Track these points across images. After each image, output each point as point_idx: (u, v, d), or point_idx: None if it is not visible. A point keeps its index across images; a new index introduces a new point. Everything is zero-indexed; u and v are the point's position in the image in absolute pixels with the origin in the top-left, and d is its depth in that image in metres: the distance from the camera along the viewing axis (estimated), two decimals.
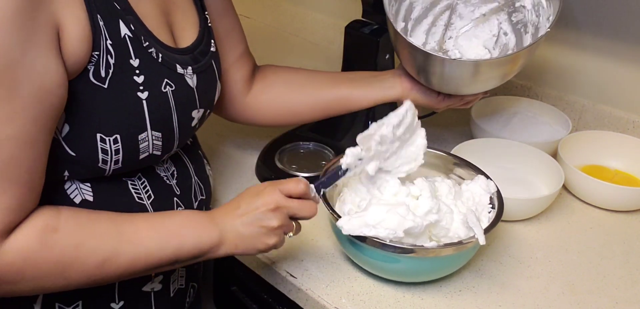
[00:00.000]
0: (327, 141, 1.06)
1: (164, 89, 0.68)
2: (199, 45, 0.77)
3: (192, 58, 0.74)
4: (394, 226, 0.72)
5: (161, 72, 0.68)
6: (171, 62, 0.70)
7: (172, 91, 0.69)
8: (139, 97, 0.65)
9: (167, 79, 0.69)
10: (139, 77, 0.65)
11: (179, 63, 0.71)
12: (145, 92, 0.66)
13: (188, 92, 0.72)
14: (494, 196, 0.82)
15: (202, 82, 0.75)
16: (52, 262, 0.60)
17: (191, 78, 0.73)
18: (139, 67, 0.65)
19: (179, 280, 0.79)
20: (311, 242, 0.86)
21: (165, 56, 0.69)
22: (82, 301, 0.69)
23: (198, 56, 0.76)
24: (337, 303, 0.76)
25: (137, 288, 0.73)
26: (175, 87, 0.70)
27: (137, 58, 0.65)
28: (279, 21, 1.70)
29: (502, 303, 0.77)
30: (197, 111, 0.75)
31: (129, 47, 0.64)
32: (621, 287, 0.81)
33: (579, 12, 1.14)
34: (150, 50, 0.67)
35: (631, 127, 1.11)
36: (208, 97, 0.78)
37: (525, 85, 1.24)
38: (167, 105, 0.69)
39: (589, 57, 1.15)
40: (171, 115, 0.69)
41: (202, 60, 0.76)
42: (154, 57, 0.67)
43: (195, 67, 0.74)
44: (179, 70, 0.71)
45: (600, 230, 0.92)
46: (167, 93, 0.69)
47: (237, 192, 0.95)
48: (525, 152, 1.02)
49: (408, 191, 0.79)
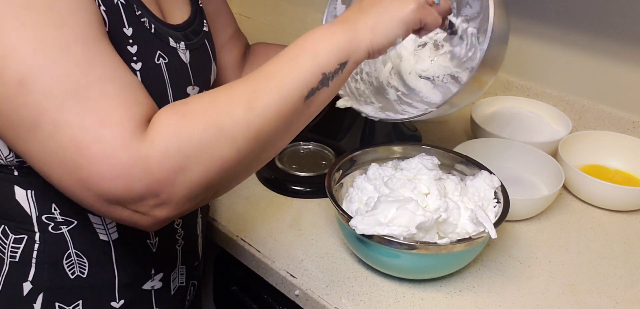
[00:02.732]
0: (327, 141, 1.06)
1: (157, 61, 0.66)
2: (191, 24, 0.75)
3: (184, 36, 0.72)
4: (406, 223, 0.72)
5: (154, 43, 0.66)
6: (164, 34, 0.68)
7: (165, 64, 0.67)
8: (132, 67, 0.63)
9: (160, 51, 0.66)
10: (132, 47, 0.63)
11: (171, 37, 0.69)
12: (138, 63, 0.63)
13: (182, 67, 0.70)
14: (498, 191, 0.82)
15: (196, 60, 0.74)
16: (200, 126, 0.54)
17: (184, 54, 0.71)
18: (132, 36, 0.63)
19: (180, 278, 0.79)
20: (311, 242, 0.86)
21: (158, 27, 0.67)
22: (82, 300, 0.69)
23: (190, 34, 0.74)
24: (337, 303, 0.76)
25: (138, 287, 0.73)
26: (168, 59, 0.67)
27: (130, 26, 0.63)
28: (279, 21, 1.70)
29: (502, 303, 0.77)
30: (192, 88, 0.73)
31: (122, 14, 0.62)
32: (621, 287, 0.81)
33: (579, 13, 1.14)
34: (142, 19, 0.64)
35: (631, 127, 1.11)
36: (203, 76, 0.76)
37: (525, 85, 1.25)
38: (161, 78, 0.66)
39: (589, 57, 1.15)
40: (166, 90, 0.67)
41: (195, 38, 0.75)
42: (146, 27, 0.65)
43: (188, 43, 0.72)
44: (172, 44, 0.69)
45: (600, 230, 0.92)
46: (161, 65, 0.66)
47: (237, 193, 0.96)
48: (525, 151, 1.02)
49: (414, 187, 0.80)
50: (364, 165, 0.90)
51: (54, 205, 0.64)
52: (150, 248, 0.72)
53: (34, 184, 0.63)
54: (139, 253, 0.71)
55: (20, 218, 0.64)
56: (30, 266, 0.65)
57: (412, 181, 0.82)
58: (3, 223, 0.65)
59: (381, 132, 1.04)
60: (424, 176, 0.82)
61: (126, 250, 0.70)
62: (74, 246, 0.66)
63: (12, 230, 0.65)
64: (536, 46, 1.22)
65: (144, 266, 0.72)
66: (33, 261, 0.65)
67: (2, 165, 0.62)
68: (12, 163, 0.61)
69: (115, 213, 0.54)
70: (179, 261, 0.78)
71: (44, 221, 0.64)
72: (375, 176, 0.85)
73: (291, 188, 0.96)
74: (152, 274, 0.74)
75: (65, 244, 0.66)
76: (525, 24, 1.21)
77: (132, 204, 0.53)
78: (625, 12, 1.08)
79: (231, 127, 0.55)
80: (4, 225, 0.65)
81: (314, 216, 0.91)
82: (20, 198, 0.63)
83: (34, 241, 0.65)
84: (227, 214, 0.92)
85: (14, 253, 0.65)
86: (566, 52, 1.18)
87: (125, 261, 0.70)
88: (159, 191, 0.52)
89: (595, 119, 1.16)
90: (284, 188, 0.97)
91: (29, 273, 0.65)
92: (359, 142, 1.04)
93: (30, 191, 0.63)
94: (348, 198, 0.84)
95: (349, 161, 0.89)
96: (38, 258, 0.65)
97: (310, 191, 0.96)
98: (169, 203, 0.54)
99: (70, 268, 0.67)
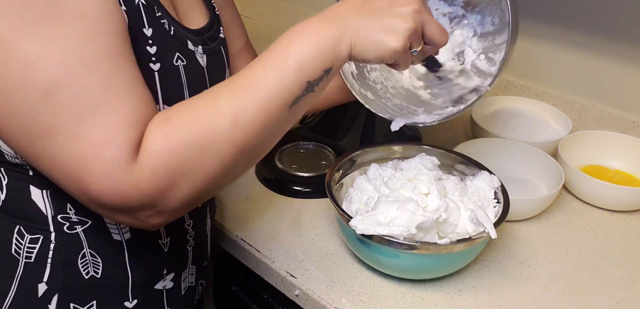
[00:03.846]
0: (327, 141, 1.06)
1: (175, 63, 0.66)
2: (209, 30, 0.76)
3: (201, 40, 0.73)
4: (406, 223, 0.72)
5: (173, 45, 0.66)
6: (182, 37, 0.68)
7: (183, 66, 0.67)
8: (151, 68, 0.63)
9: (178, 53, 0.67)
10: (152, 47, 0.63)
11: (189, 40, 0.70)
12: (157, 64, 0.64)
13: (199, 70, 0.71)
14: (498, 191, 0.82)
15: (212, 65, 0.74)
16: (185, 143, 0.56)
17: (202, 57, 0.72)
18: (151, 37, 0.63)
19: (190, 278, 0.79)
20: (311, 242, 0.86)
21: (177, 30, 0.67)
22: (96, 301, 0.69)
23: (207, 40, 0.75)
24: (337, 303, 0.76)
25: (150, 287, 0.73)
26: (186, 62, 0.68)
27: (150, 27, 0.63)
28: (279, 21, 1.70)
29: (502, 303, 0.77)
30: None
31: (142, 15, 0.62)
32: (621, 287, 0.81)
33: (579, 13, 1.14)
34: (162, 21, 0.65)
35: (631, 127, 1.11)
36: (219, 80, 0.76)
37: (525, 85, 1.25)
38: (178, 81, 0.67)
39: (589, 57, 1.15)
40: (183, 92, 0.68)
41: (212, 44, 0.75)
42: (166, 28, 0.65)
43: (205, 48, 0.73)
44: (190, 47, 0.69)
45: (600, 230, 0.92)
46: (179, 68, 0.67)
47: (238, 193, 0.96)
48: (525, 151, 1.02)
49: (414, 186, 0.80)
50: (364, 165, 0.90)
51: (69, 205, 0.64)
52: (162, 248, 0.72)
53: (49, 183, 0.62)
54: (151, 253, 0.71)
55: (36, 218, 0.64)
56: (46, 266, 0.65)
57: (412, 182, 0.82)
58: (18, 223, 0.64)
59: (381, 132, 1.04)
60: (424, 177, 0.82)
61: (139, 250, 0.70)
62: (88, 246, 0.66)
63: (27, 230, 0.64)
64: (536, 46, 1.22)
65: (156, 266, 0.73)
66: (48, 261, 0.65)
67: (17, 163, 0.62)
68: (26, 162, 0.61)
69: (116, 217, 0.59)
70: (190, 261, 0.78)
71: (60, 220, 0.64)
72: (375, 176, 0.85)
73: (291, 188, 0.96)
74: (164, 274, 0.74)
75: (80, 244, 0.66)
76: (525, 24, 1.21)
77: (130, 214, 0.57)
78: (625, 12, 1.08)
79: (216, 144, 0.57)
80: (20, 225, 0.64)
81: (314, 216, 0.91)
82: (36, 198, 0.63)
83: (49, 241, 0.65)
84: (227, 214, 0.92)
85: (29, 254, 0.65)
86: (566, 52, 1.18)
87: (138, 261, 0.70)
88: (153, 205, 0.56)
89: (595, 119, 1.16)
90: (284, 188, 0.97)
91: (44, 274, 0.65)
92: (359, 142, 1.04)
93: (45, 190, 0.63)
94: (348, 198, 0.84)
95: (349, 161, 0.89)
96: (54, 258, 0.65)
97: (310, 191, 0.96)
98: (164, 213, 0.58)
99: (84, 268, 0.67)
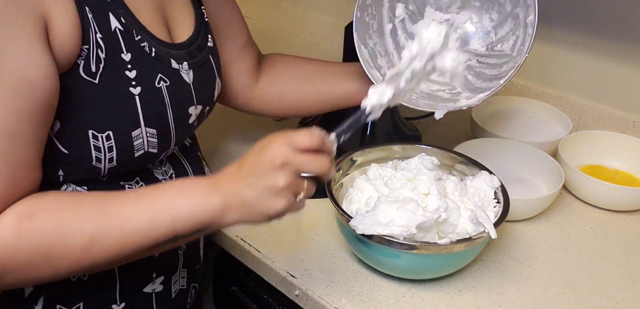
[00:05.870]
0: None
1: (157, 84, 0.67)
2: (196, 40, 0.76)
3: (188, 54, 0.73)
4: (405, 223, 0.72)
5: (154, 66, 0.67)
6: (165, 56, 0.69)
7: (167, 86, 0.68)
8: (131, 92, 0.64)
9: (160, 74, 0.67)
10: (131, 71, 0.64)
11: (173, 58, 0.70)
12: (137, 88, 0.65)
13: (184, 88, 0.71)
14: (498, 191, 0.82)
15: (199, 78, 0.74)
16: (31, 250, 0.57)
17: (187, 74, 0.72)
18: (130, 62, 0.64)
19: (180, 281, 0.79)
20: (311, 242, 0.86)
21: (159, 50, 0.68)
22: (82, 302, 0.69)
23: (194, 51, 0.75)
24: (337, 303, 0.76)
25: (139, 289, 0.73)
26: (169, 82, 0.68)
27: (129, 52, 0.64)
28: (279, 21, 1.70)
29: (502, 303, 0.77)
30: (194, 107, 0.74)
31: (120, 41, 0.63)
32: (621, 287, 0.81)
33: (579, 13, 1.14)
34: (142, 44, 0.66)
35: (631, 127, 1.11)
36: (206, 94, 0.77)
37: (525, 85, 1.25)
38: (161, 101, 0.68)
39: (589, 57, 1.15)
40: (166, 111, 0.68)
41: (199, 55, 0.76)
42: (146, 51, 0.66)
43: (191, 62, 0.73)
44: (174, 65, 0.70)
45: (600, 230, 0.92)
46: (161, 89, 0.67)
47: None
48: (525, 151, 1.02)
49: (414, 187, 0.80)
50: (364, 165, 0.90)
51: None
52: None
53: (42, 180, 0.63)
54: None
55: None
56: None
57: (412, 181, 0.82)
58: None
59: (381, 132, 1.04)
60: (424, 177, 0.82)
61: None
62: None
63: None
64: (536, 46, 1.22)
65: (145, 269, 0.73)
66: None
67: None
68: None
69: None
70: (180, 264, 0.78)
71: None
72: (375, 176, 0.85)
73: None
74: (153, 277, 0.74)
75: None
76: None
77: None
78: (625, 12, 1.08)
79: (59, 259, 0.58)
80: None
81: (314, 216, 0.91)
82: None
83: None
84: None
85: None
86: (566, 52, 1.18)
87: (126, 264, 0.69)
88: None
89: (595, 119, 1.16)
90: None
91: None
92: (359, 142, 1.04)
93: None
94: (348, 198, 0.84)
95: (349, 161, 0.89)
96: None
97: None
98: None
99: None
